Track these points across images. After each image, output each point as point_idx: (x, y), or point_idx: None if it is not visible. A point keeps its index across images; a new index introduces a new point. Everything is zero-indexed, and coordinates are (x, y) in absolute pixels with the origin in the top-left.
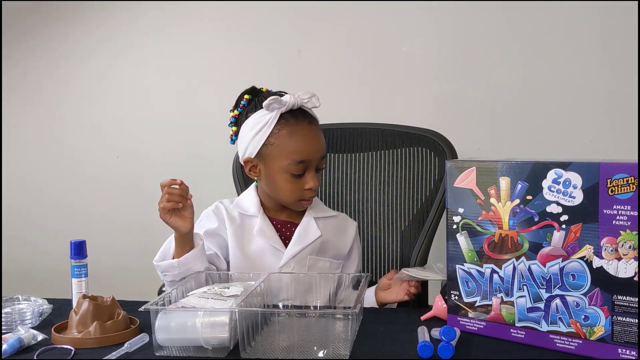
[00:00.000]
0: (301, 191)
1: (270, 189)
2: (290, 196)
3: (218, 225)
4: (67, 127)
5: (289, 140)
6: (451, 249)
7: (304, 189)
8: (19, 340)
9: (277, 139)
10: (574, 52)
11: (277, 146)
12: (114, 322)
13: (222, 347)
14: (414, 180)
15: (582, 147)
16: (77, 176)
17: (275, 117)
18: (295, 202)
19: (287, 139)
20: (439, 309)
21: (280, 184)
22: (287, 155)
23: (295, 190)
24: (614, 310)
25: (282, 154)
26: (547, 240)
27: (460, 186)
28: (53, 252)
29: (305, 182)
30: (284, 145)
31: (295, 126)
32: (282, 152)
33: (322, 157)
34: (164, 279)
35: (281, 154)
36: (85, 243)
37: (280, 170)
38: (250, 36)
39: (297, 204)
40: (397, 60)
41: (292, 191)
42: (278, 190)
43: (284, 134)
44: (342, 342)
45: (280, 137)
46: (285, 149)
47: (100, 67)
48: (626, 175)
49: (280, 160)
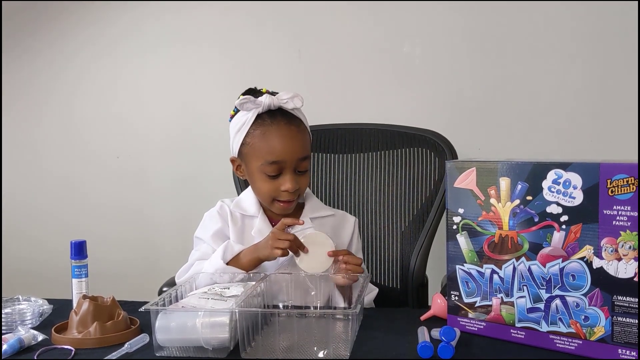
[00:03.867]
0: (277, 192)
1: (252, 188)
2: (267, 196)
3: (222, 225)
4: (68, 127)
5: (262, 141)
6: (451, 249)
7: (280, 190)
8: (19, 341)
9: (252, 139)
10: (574, 52)
11: (252, 146)
12: (114, 323)
13: (222, 347)
14: (414, 180)
15: (582, 147)
16: (77, 176)
17: (252, 118)
18: (271, 203)
19: (261, 139)
20: (438, 308)
21: (258, 184)
22: (261, 155)
23: (270, 191)
24: (614, 310)
25: (257, 154)
26: (547, 240)
27: (461, 186)
28: (53, 253)
29: (281, 183)
30: (258, 146)
31: (269, 126)
32: (256, 153)
33: (302, 159)
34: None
35: (256, 154)
36: (85, 243)
37: (257, 170)
38: (251, 36)
39: (274, 205)
40: (397, 60)
41: (267, 191)
42: (257, 191)
43: (258, 134)
44: (342, 343)
45: (254, 137)
46: (259, 149)
47: (101, 67)
48: (626, 176)
49: (255, 160)
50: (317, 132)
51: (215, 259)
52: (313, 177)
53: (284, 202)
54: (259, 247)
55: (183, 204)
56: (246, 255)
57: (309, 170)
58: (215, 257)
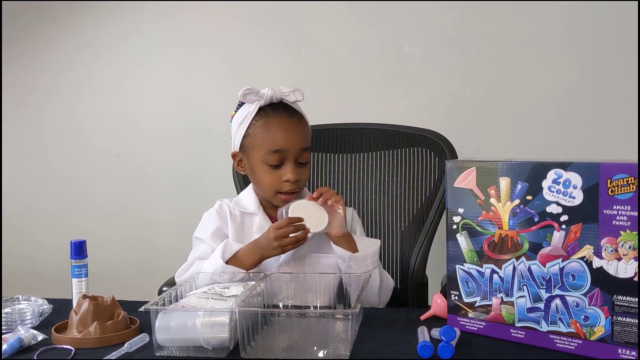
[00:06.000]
0: (279, 183)
1: (254, 182)
2: (269, 188)
3: (221, 224)
4: (68, 127)
5: (265, 131)
6: (451, 249)
7: (282, 180)
8: (19, 340)
9: (255, 129)
10: (574, 52)
11: (255, 137)
12: (114, 322)
13: (222, 347)
14: (413, 180)
15: (582, 147)
16: (77, 176)
17: (254, 110)
18: (274, 196)
19: (263, 129)
20: (438, 307)
21: (260, 176)
22: (264, 145)
23: (273, 182)
24: (614, 310)
25: (259, 144)
26: (547, 240)
27: (460, 186)
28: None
29: (282, 173)
30: (261, 136)
31: (272, 117)
32: (259, 143)
33: (303, 150)
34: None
35: (258, 144)
36: (85, 243)
37: (259, 161)
38: (251, 36)
39: (277, 198)
40: (397, 60)
41: (270, 183)
42: (259, 184)
43: (260, 125)
44: (342, 342)
45: (257, 128)
46: (261, 139)
47: (101, 67)
48: (626, 176)
49: (257, 150)
50: (317, 132)
51: (214, 259)
52: (313, 177)
53: (285, 193)
54: (264, 247)
55: (183, 203)
56: (247, 254)
57: (309, 163)
58: (214, 256)
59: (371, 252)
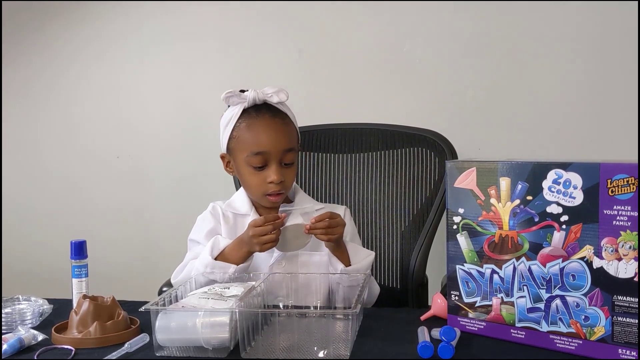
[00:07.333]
0: (265, 185)
1: (242, 184)
2: (256, 190)
3: (215, 225)
4: (68, 127)
5: (247, 132)
6: (451, 249)
7: (267, 182)
8: (19, 341)
9: (239, 132)
10: (573, 52)
11: (238, 139)
12: (115, 322)
13: (223, 347)
14: (413, 180)
15: (582, 147)
16: (77, 176)
17: (238, 112)
18: (262, 197)
19: (246, 131)
20: (438, 307)
21: (246, 178)
22: (246, 147)
23: (259, 184)
24: (614, 310)
25: (243, 146)
26: (547, 240)
27: (461, 186)
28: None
29: (267, 175)
30: (244, 138)
31: (255, 119)
32: (242, 145)
33: (287, 151)
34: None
35: (242, 146)
36: (85, 243)
37: (244, 163)
38: (251, 36)
39: (265, 199)
40: (397, 60)
41: (256, 185)
42: (246, 186)
43: (243, 127)
44: (343, 342)
45: (240, 130)
46: (244, 141)
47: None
48: (626, 176)
49: (241, 152)
50: (317, 132)
51: (204, 256)
52: (313, 177)
53: (272, 195)
54: (248, 243)
55: (183, 203)
56: (234, 249)
57: (295, 164)
58: (203, 253)
59: (363, 266)
